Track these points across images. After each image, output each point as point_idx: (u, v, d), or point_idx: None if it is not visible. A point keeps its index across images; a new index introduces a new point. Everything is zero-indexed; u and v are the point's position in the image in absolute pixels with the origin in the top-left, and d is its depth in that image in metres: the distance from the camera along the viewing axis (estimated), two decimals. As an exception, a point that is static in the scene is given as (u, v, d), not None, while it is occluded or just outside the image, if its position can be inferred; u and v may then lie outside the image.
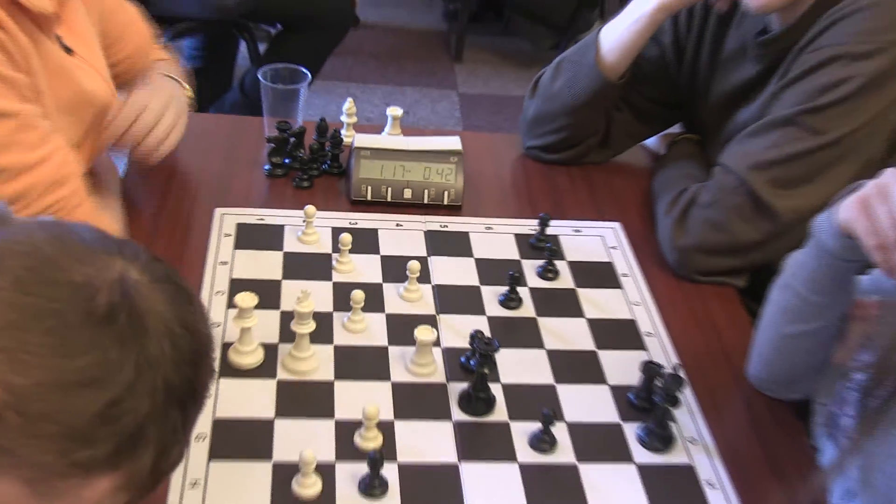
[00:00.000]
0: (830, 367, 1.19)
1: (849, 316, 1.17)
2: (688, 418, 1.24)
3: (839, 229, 1.07)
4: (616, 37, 1.59)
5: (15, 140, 1.20)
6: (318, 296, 1.34)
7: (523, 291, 1.42)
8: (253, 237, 1.47)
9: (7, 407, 0.66)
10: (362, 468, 1.09)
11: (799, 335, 1.19)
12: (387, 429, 1.17)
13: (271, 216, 1.52)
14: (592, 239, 1.56)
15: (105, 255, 0.72)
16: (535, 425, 1.18)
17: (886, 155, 1.43)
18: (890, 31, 1.37)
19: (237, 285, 1.35)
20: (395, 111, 1.71)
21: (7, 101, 1.20)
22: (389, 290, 1.40)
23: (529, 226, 1.55)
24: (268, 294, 1.33)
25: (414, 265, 1.37)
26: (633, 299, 1.44)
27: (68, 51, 1.34)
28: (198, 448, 1.12)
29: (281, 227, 1.50)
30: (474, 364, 1.22)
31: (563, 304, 1.41)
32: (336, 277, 1.41)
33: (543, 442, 1.17)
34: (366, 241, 1.48)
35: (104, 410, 0.68)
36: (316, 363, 1.25)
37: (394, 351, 1.29)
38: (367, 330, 1.32)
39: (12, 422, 0.66)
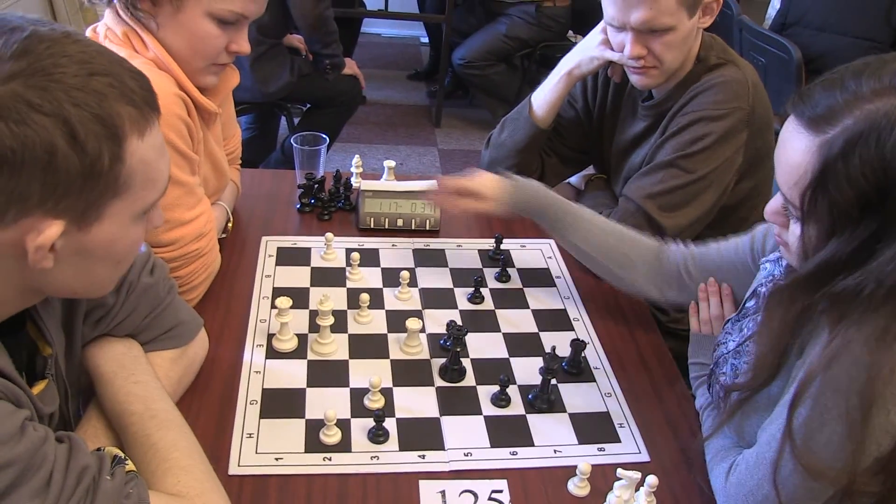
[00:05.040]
0: (696, 335, 1.23)
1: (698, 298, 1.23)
2: (605, 378, 1.23)
3: None
4: (542, 97, 1.60)
5: (179, 202, 1.20)
6: (335, 298, 1.33)
7: (485, 291, 1.41)
8: (289, 256, 1.46)
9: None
10: (370, 422, 1.08)
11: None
12: (387, 393, 1.15)
13: (302, 241, 1.50)
14: (534, 251, 1.55)
15: None
16: (495, 388, 1.17)
17: (734, 184, 1.46)
18: (733, 101, 1.40)
19: (277, 292, 1.34)
20: (390, 163, 1.69)
21: (183, 173, 1.20)
22: (388, 293, 1.38)
23: (488, 243, 1.54)
24: (299, 297, 1.32)
25: (405, 274, 1.36)
26: (564, 294, 1.43)
27: None
28: (252, 409, 1.10)
29: (308, 248, 1.48)
30: (450, 344, 1.21)
31: (514, 299, 1.40)
32: (349, 284, 1.39)
33: (501, 399, 1.16)
34: (370, 258, 1.47)
35: None
36: (335, 347, 1.23)
37: (391, 337, 1.27)
38: (372, 322, 1.30)
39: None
